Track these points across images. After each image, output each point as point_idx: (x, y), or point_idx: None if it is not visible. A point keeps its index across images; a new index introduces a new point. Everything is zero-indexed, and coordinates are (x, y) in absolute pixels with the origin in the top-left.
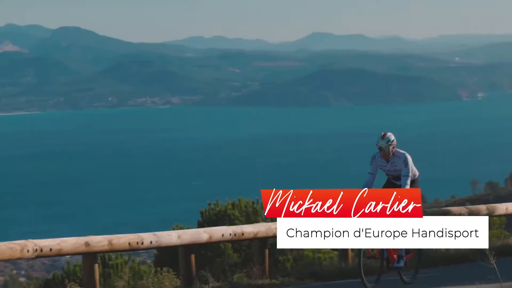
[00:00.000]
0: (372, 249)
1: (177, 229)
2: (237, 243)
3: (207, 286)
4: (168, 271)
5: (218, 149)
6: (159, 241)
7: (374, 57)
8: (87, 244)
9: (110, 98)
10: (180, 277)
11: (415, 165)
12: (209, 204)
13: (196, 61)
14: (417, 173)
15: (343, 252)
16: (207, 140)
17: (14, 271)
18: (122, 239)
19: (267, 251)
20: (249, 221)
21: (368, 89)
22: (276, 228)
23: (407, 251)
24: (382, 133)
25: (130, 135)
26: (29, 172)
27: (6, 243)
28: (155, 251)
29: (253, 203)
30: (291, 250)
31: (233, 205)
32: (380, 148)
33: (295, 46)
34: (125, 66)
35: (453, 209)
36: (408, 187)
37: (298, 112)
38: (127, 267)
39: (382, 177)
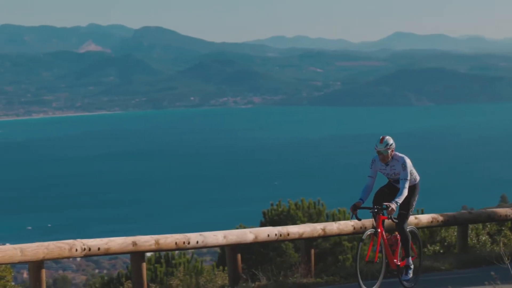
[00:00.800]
0: (371, 253)
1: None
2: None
3: (253, 284)
4: (224, 270)
5: (299, 148)
6: (205, 241)
7: (455, 56)
8: (134, 243)
9: (192, 98)
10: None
11: (415, 169)
12: (272, 205)
13: (278, 61)
14: (417, 177)
15: None
16: (289, 139)
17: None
18: (169, 239)
19: (312, 251)
20: (312, 222)
21: (449, 89)
22: (321, 229)
23: (407, 254)
24: (381, 137)
25: (212, 135)
26: (110, 171)
27: (55, 242)
28: (218, 250)
29: (315, 204)
30: (352, 249)
31: (296, 205)
32: (379, 152)
33: (376, 46)
34: (207, 65)
35: (500, 210)
36: (406, 190)
37: (379, 112)
38: (182, 266)
39: (382, 180)
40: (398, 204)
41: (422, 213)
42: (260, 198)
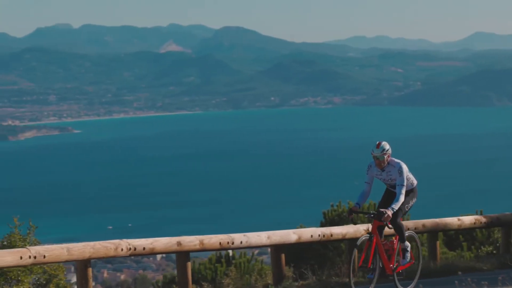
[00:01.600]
0: (365, 258)
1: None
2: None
3: (297, 283)
4: (288, 269)
5: None
6: (249, 241)
7: None
8: (179, 243)
9: (272, 98)
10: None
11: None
12: (332, 206)
13: (358, 61)
14: (415, 181)
15: (432, 252)
16: (369, 139)
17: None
18: (213, 239)
19: (356, 251)
20: (371, 222)
21: None
22: (364, 230)
23: (402, 240)
24: (377, 142)
25: (292, 135)
26: (190, 171)
27: (101, 242)
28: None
29: (375, 205)
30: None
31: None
32: (375, 157)
33: (457, 46)
34: (287, 65)
35: None
36: (403, 196)
37: (460, 112)
38: (233, 266)
39: (380, 187)
40: (395, 210)
41: (481, 213)
42: (340, 197)
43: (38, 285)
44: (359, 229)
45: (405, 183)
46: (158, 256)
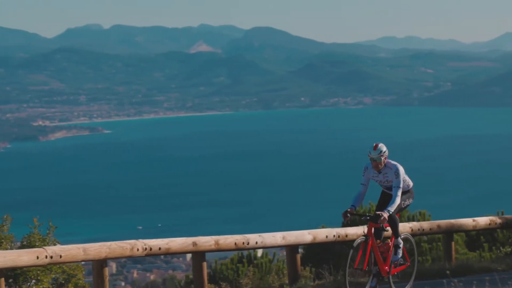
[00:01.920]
0: (360, 260)
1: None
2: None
3: (312, 283)
4: (304, 269)
5: (410, 149)
6: (264, 241)
7: None
8: (194, 244)
9: (302, 98)
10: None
11: (408, 175)
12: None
13: (388, 61)
14: (410, 183)
15: (447, 252)
16: (399, 140)
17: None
18: (229, 240)
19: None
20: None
21: None
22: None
23: (396, 235)
24: (374, 144)
25: (323, 135)
26: (220, 171)
27: (117, 242)
28: (301, 250)
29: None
30: (431, 250)
31: (376, 207)
32: (372, 159)
33: (487, 46)
34: (317, 66)
35: None
36: (399, 198)
37: (490, 113)
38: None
39: (376, 189)
40: (391, 212)
41: (503, 214)
42: (371, 198)
43: (57, 284)
44: None
45: (401, 185)
46: (188, 256)
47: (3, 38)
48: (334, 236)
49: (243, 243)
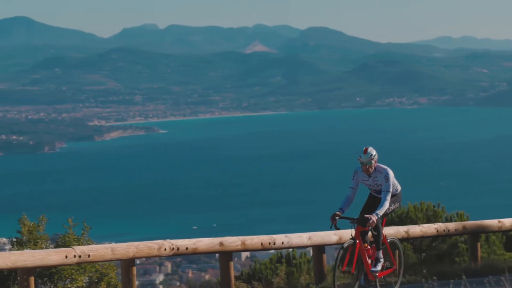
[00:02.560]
0: (348, 263)
1: None
2: (415, 242)
3: (338, 282)
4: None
5: (465, 149)
6: (290, 242)
7: None
8: (221, 244)
9: (357, 98)
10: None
11: (397, 179)
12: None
13: (444, 61)
14: (399, 188)
15: (473, 253)
16: (455, 140)
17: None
18: (255, 240)
19: (397, 251)
20: (429, 223)
21: None
22: (404, 231)
23: (378, 247)
24: (364, 148)
25: (378, 135)
26: (275, 171)
27: (145, 242)
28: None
29: (434, 206)
30: (468, 250)
31: (415, 207)
32: (362, 163)
33: None
34: (372, 66)
35: None
36: (388, 202)
37: None
38: (284, 265)
39: (364, 192)
40: (379, 216)
41: None
42: (425, 198)
43: (91, 283)
44: (399, 231)
45: (391, 189)
46: (243, 256)
47: (60, 38)
48: None
49: (269, 243)
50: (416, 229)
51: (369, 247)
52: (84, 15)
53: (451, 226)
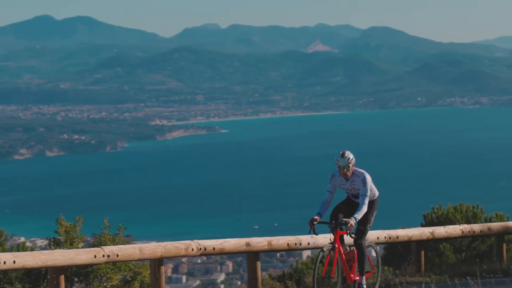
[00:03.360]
0: (328, 268)
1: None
2: (455, 243)
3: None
4: (380, 267)
5: None
6: (316, 242)
7: None
8: (247, 244)
9: (419, 98)
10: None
11: (375, 184)
12: (432, 208)
13: (506, 61)
14: (376, 193)
15: (499, 253)
16: None
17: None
18: (281, 240)
19: (422, 252)
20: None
21: None
22: (429, 232)
23: (362, 272)
24: (341, 152)
25: (439, 135)
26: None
27: (172, 242)
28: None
29: (473, 207)
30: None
31: (455, 209)
32: (340, 167)
33: None
34: (433, 66)
35: None
36: (366, 206)
37: None
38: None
39: (341, 195)
40: (357, 220)
41: None
42: (485, 199)
43: (125, 282)
44: (425, 232)
45: (368, 193)
46: (304, 254)
47: (122, 38)
48: (385, 237)
49: (296, 243)
50: (441, 230)
51: (347, 250)
52: (146, 15)
53: (476, 227)
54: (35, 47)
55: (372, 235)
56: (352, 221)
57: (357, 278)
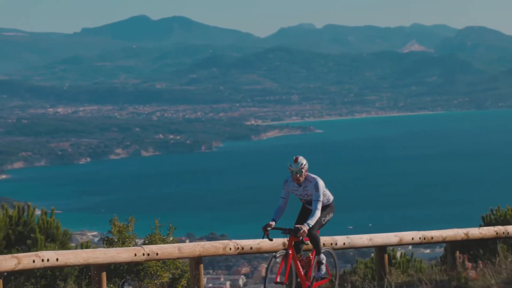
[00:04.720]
0: (281, 274)
1: None
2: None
3: (398, 281)
4: (434, 266)
5: None
6: (352, 242)
7: None
8: (284, 244)
9: None
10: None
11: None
12: (491, 210)
13: None
14: (331, 197)
15: None
16: None
17: None
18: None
19: (457, 252)
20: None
21: None
22: (464, 233)
23: (318, 252)
24: (295, 157)
25: None
26: (434, 171)
27: (211, 242)
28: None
29: None
30: None
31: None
32: (293, 172)
33: None
34: None
35: None
36: (319, 211)
37: None
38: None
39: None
40: (310, 226)
41: None
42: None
43: (173, 279)
44: (459, 233)
45: (321, 199)
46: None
47: (217, 38)
48: (419, 238)
49: (331, 243)
50: (475, 231)
51: (302, 258)
52: (241, 15)
53: (510, 229)
54: (131, 47)
55: (407, 236)
56: (305, 227)
57: (313, 284)
